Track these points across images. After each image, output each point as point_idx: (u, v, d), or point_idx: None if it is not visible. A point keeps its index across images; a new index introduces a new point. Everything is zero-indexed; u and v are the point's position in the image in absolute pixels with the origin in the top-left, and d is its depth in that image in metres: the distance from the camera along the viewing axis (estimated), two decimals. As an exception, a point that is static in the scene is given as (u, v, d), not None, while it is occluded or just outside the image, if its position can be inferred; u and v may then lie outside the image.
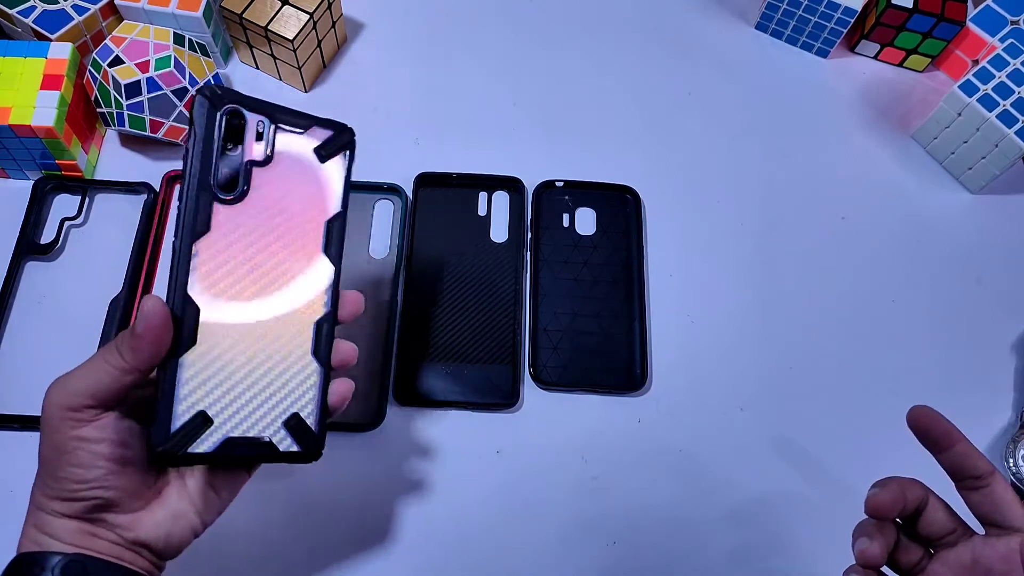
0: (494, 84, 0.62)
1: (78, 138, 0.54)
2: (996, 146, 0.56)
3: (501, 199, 0.56)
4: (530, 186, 0.57)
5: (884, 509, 0.34)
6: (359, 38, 0.63)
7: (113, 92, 0.52)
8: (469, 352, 0.51)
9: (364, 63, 0.62)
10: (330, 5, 0.57)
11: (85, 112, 0.55)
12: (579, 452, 0.49)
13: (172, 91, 0.52)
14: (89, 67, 0.53)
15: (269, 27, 0.55)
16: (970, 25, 0.60)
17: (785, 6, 0.62)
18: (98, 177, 0.56)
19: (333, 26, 0.59)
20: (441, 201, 0.56)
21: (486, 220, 0.55)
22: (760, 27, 0.65)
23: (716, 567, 0.47)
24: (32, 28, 0.54)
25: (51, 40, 0.54)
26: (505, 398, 0.50)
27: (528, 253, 0.55)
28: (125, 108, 0.52)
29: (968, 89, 0.56)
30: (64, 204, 0.55)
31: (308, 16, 0.55)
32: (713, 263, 0.56)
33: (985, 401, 0.52)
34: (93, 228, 0.54)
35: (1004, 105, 0.55)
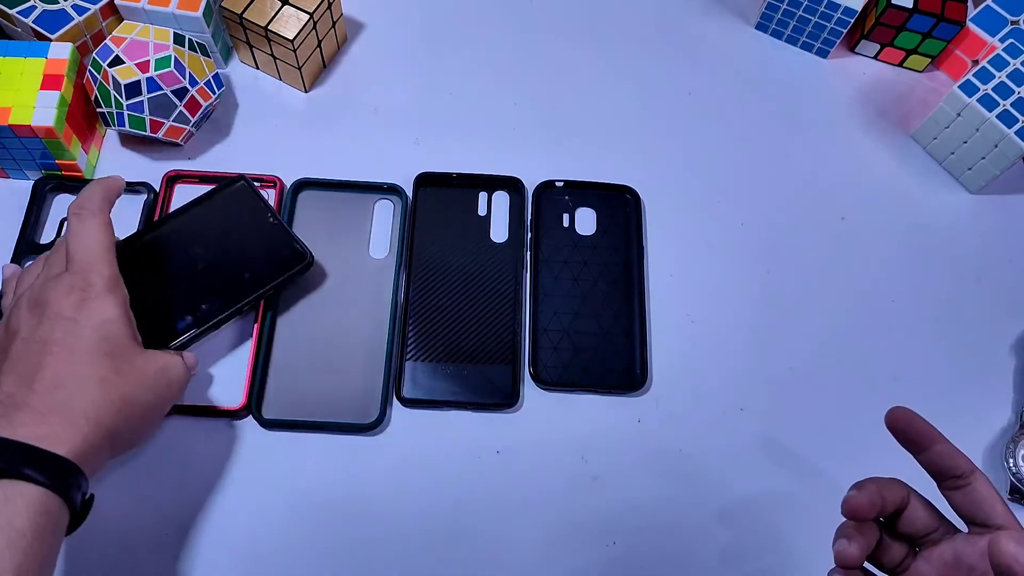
0: (494, 84, 0.62)
1: (78, 138, 0.54)
2: (996, 146, 0.56)
3: (501, 199, 0.56)
4: (530, 186, 0.57)
5: (861, 511, 0.34)
6: (359, 38, 0.63)
7: (113, 92, 0.52)
8: (469, 352, 0.51)
9: (364, 63, 0.62)
10: (330, 5, 0.57)
11: (85, 112, 0.55)
12: (579, 452, 0.50)
13: (172, 91, 0.52)
14: (89, 67, 0.53)
15: (269, 27, 0.55)
16: (970, 25, 0.60)
17: (785, 6, 0.62)
18: (98, 177, 0.56)
19: (333, 26, 0.59)
20: (441, 201, 0.56)
21: (486, 220, 0.55)
22: (760, 27, 0.65)
23: (716, 566, 0.47)
24: (32, 28, 0.54)
25: (51, 40, 0.54)
26: (505, 398, 0.50)
27: (528, 253, 0.55)
28: (125, 108, 0.52)
29: (968, 89, 0.56)
30: (64, 204, 0.55)
31: (308, 16, 0.55)
32: (713, 263, 0.56)
33: (985, 401, 0.52)
34: None
35: (1004, 105, 0.55)
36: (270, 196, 0.55)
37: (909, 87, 0.64)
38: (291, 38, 0.55)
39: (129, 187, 0.55)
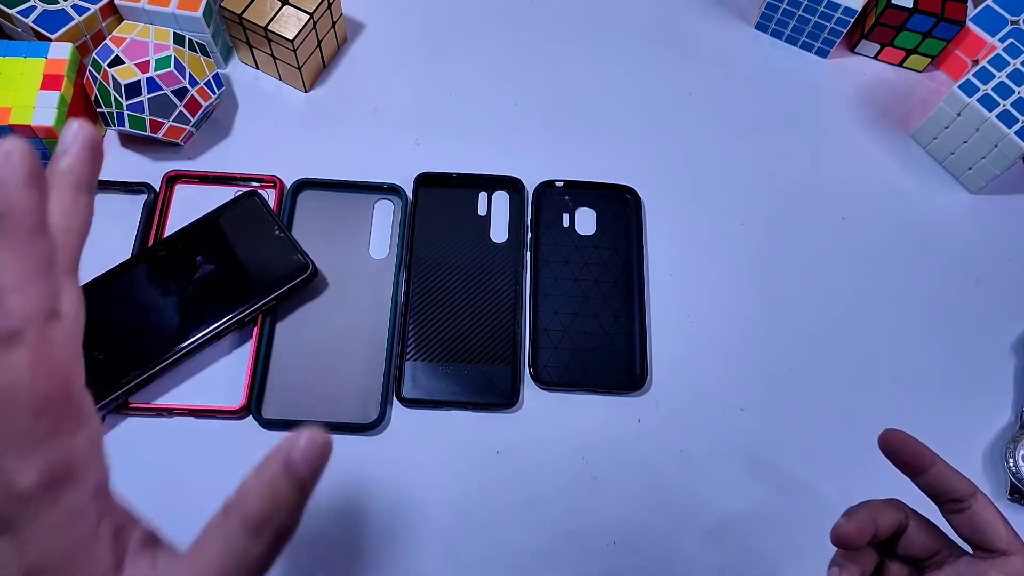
0: (494, 84, 0.62)
1: (78, 138, 0.54)
2: (996, 146, 0.56)
3: (501, 199, 0.56)
4: (530, 186, 0.57)
5: (849, 540, 0.33)
6: (359, 38, 0.63)
7: (113, 92, 0.52)
8: (469, 352, 0.51)
9: (364, 63, 0.62)
10: (330, 5, 0.57)
11: (85, 112, 0.55)
12: (579, 452, 0.50)
13: (172, 91, 0.52)
14: (89, 67, 0.53)
15: (269, 27, 0.55)
16: (970, 25, 0.60)
17: (785, 6, 0.62)
18: (98, 177, 0.56)
19: (333, 26, 0.59)
20: (441, 201, 0.56)
21: (486, 220, 0.55)
22: (760, 27, 0.65)
23: (716, 566, 0.47)
24: (32, 28, 0.54)
25: (51, 40, 0.54)
26: (505, 398, 0.50)
27: (528, 253, 0.55)
28: (125, 108, 0.52)
29: (968, 89, 0.56)
30: (64, 204, 0.55)
31: (308, 16, 0.55)
32: (713, 263, 0.56)
33: (985, 401, 0.52)
34: (93, 228, 0.53)
35: (1004, 105, 0.55)
36: (270, 196, 0.55)
37: (909, 87, 0.64)
38: (291, 38, 0.55)
39: (129, 187, 0.55)
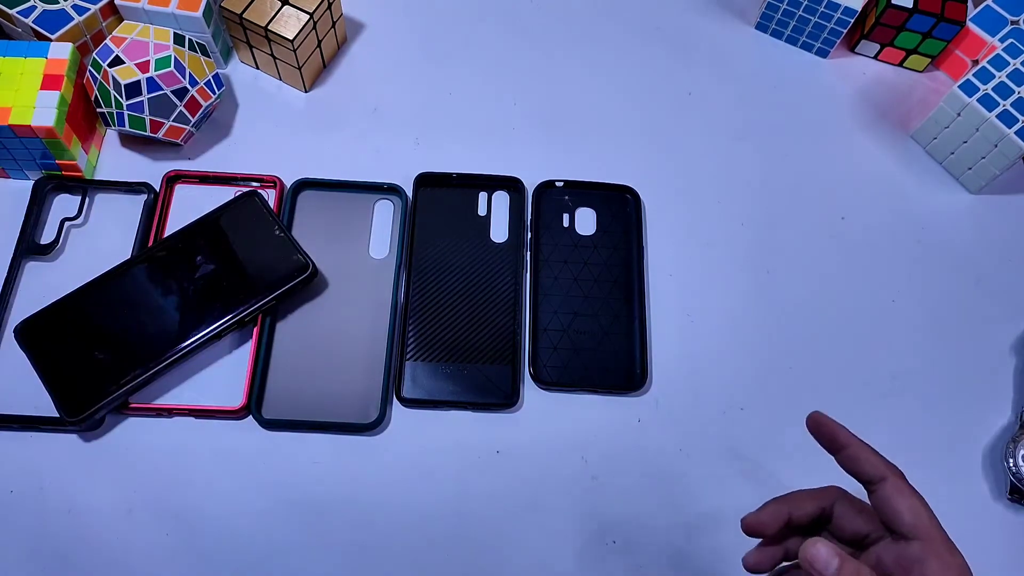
0: (494, 84, 0.62)
1: (78, 138, 0.54)
2: (996, 146, 0.56)
3: (501, 199, 0.56)
4: (530, 186, 0.57)
5: (754, 528, 0.37)
6: (359, 38, 0.63)
7: (113, 92, 0.52)
8: (469, 352, 0.51)
9: (364, 63, 0.62)
10: (330, 5, 0.57)
11: (85, 112, 0.55)
12: (579, 452, 0.50)
13: (172, 91, 0.52)
14: (89, 67, 0.53)
15: (269, 27, 0.55)
16: (970, 25, 0.60)
17: (785, 6, 0.62)
18: (98, 177, 0.56)
19: (333, 26, 0.59)
20: (441, 201, 0.56)
21: (486, 220, 0.55)
22: (760, 27, 0.65)
23: (716, 566, 0.47)
24: (32, 28, 0.54)
25: (51, 40, 0.54)
26: (505, 398, 0.50)
27: (528, 253, 0.55)
28: (125, 108, 0.52)
29: (968, 89, 0.56)
30: (64, 204, 0.55)
31: (308, 16, 0.55)
32: (713, 263, 0.56)
33: (985, 401, 0.52)
34: (93, 228, 0.54)
35: (1004, 105, 0.55)
36: (270, 196, 0.55)
37: (909, 87, 0.64)
38: (291, 38, 0.55)
39: (129, 187, 0.55)
